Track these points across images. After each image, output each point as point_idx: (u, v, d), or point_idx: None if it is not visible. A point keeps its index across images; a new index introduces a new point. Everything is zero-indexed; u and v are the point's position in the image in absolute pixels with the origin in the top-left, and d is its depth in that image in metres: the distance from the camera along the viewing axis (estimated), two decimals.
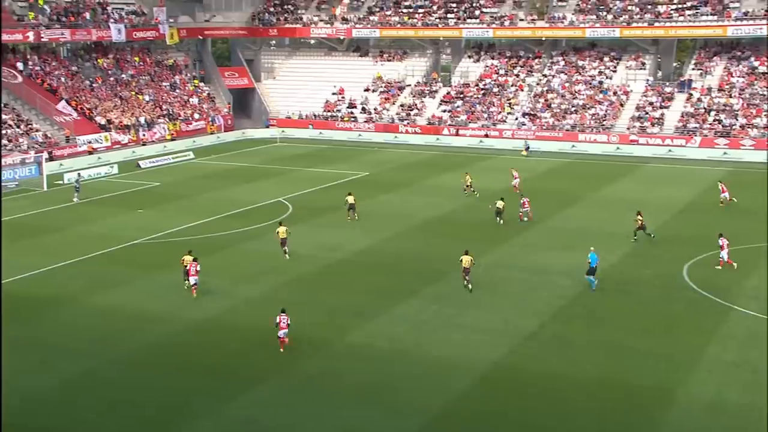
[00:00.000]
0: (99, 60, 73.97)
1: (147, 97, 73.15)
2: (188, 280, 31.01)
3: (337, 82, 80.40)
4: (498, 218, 40.98)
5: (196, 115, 74.42)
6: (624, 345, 26.17)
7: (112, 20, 72.74)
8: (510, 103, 72.61)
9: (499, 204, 41.27)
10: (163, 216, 43.58)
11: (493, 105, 73.07)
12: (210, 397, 22.95)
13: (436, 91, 77.05)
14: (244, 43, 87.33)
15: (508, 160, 61.88)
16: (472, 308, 29.51)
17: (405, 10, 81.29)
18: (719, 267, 33.49)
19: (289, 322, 25.86)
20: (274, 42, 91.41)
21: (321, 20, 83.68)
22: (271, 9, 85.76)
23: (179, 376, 24.30)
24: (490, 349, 25.86)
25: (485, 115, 72.12)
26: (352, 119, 75.89)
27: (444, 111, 73.98)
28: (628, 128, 66.75)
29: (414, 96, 77.12)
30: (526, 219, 41.61)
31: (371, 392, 23.25)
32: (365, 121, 75.22)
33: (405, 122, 73.90)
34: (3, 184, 52.22)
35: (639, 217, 37.80)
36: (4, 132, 59.06)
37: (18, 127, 60.82)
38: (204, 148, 68.89)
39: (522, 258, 35.74)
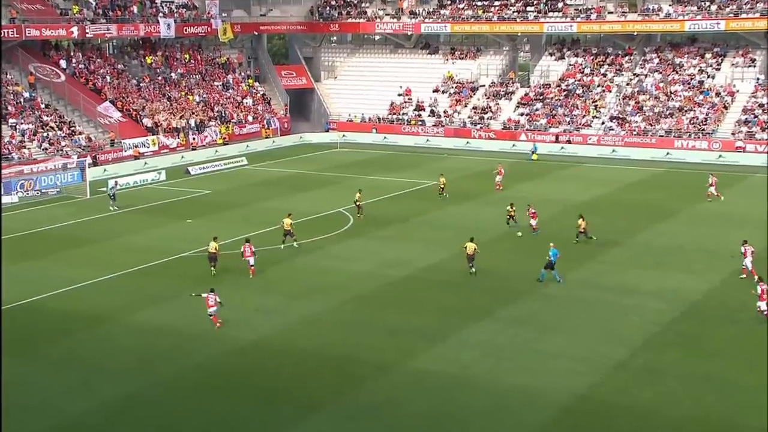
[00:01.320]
0: (147, 58, 75.80)
1: (197, 98, 74.60)
2: (214, 267, 34.69)
3: (403, 82, 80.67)
4: (583, 236, 40.21)
5: (250, 118, 75.55)
6: (727, 379, 25.40)
7: (161, 14, 74.51)
8: (596, 106, 71.70)
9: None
10: (214, 227, 44.17)
11: (577, 108, 72.26)
12: (260, 424, 23.07)
13: (512, 93, 76.60)
14: (303, 40, 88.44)
15: (591, 169, 61.11)
16: (553, 333, 29.10)
17: (479, 4, 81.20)
18: (743, 276, 33.69)
19: (218, 299, 29.36)
20: (335, 38, 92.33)
21: (387, 14, 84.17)
22: (333, 2, 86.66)
23: (228, 401, 24.49)
24: (572, 379, 25.41)
25: (567, 119, 71.36)
26: (420, 123, 75.96)
27: (521, 114, 73.48)
28: (732, 134, 65.19)
29: (488, 98, 76.82)
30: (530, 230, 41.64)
31: (438, 424, 23.04)
32: (434, 125, 75.22)
33: (478, 126, 73.64)
34: (44, 190, 53.85)
35: (581, 220, 39.69)
36: (46, 135, 60.88)
37: (60, 129, 62.63)
38: (258, 153, 69.79)
39: (608, 277, 35.16)
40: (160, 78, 74.87)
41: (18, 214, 48.58)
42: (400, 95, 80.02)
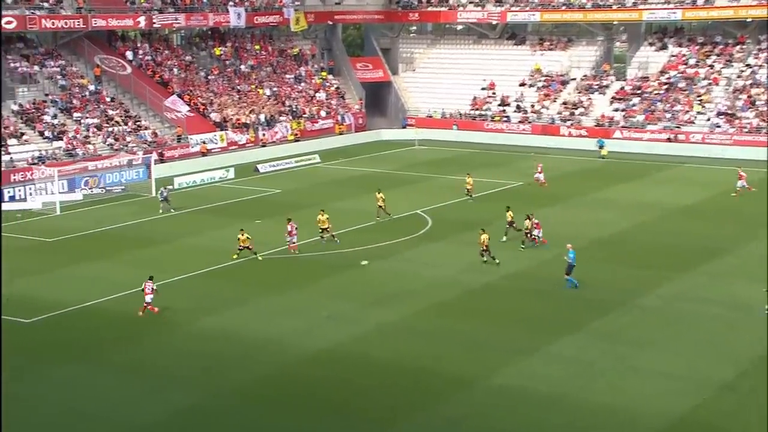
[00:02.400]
0: (215, 49, 77.10)
1: (268, 92, 75.55)
2: (237, 254, 37.44)
3: (487, 75, 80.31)
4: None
5: (323, 113, 76.16)
6: None
7: (230, 3, 75.68)
8: (701, 101, 70.10)
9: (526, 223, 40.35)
10: (284, 228, 44.59)
11: (679, 103, 70.79)
12: None
13: (606, 86, 75.52)
14: (380, 30, 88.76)
15: (694, 170, 59.78)
16: (650, 348, 28.54)
17: None
18: None
19: (154, 287, 31.62)
20: (414, 28, 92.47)
21: (470, 2, 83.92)
22: None
23: (296, 413, 24.64)
24: (672, 400, 24.84)
25: (668, 115, 69.94)
26: (504, 119, 75.48)
27: (616, 110, 72.38)
28: None
29: (579, 92, 75.89)
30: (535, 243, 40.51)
31: None
32: (519, 122, 74.65)
33: (568, 123, 72.79)
34: (108, 188, 55.23)
35: (509, 212, 40.94)
36: (111, 130, 62.41)
37: (125, 124, 64.10)
38: (331, 150, 70.28)
39: (714, 290, 34.34)
40: (229, 70, 76.07)
41: (81, 213, 49.94)
42: (483, 89, 79.63)
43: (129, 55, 70.91)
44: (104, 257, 39.96)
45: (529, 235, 40.20)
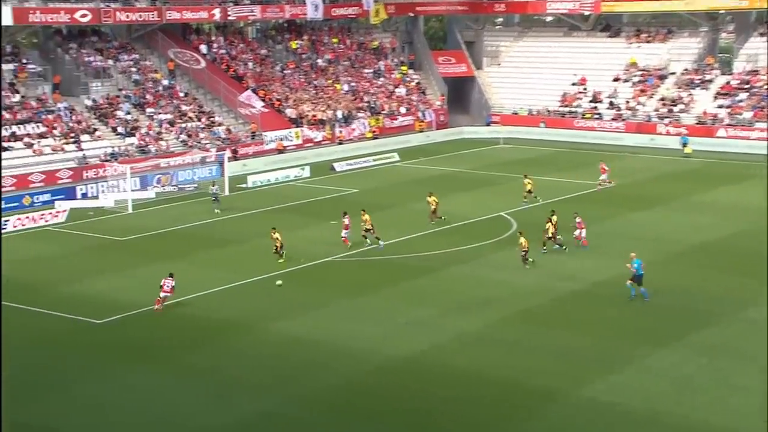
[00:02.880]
0: (292, 42, 77.82)
1: (345, 87, 75.92)
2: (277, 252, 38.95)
3: (578, 69, 79.38)
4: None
5: (403, 109, 76.20)
6: None
7: None
8: None
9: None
10: (357, 229, 44.71)
11: None
12: None
13: (710, 81, 73.94)
14: (464, 22, 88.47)
15: None
16: (754, 365, 27.68)
17: None
18: None
19: (173, 285, 33.11)
20: (500, 20, 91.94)
21: None
22: None
23: (371, 424, 24.60)
24: None
25: None
26: (596, 116, 74.52)
27: (720, 107, 70.78)
28: None
29: (679, 87, 74.45)
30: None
31: None
32: (613, 119, 73.60)
33: (666, 121, 71.47)
34: (181, 186, 56.12)
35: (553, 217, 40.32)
36: (184, 126, 63.49)
37: (199, 120, 65.12)
38: (411, 148, 70.28)
39: None
40: (305, 64, 76.69)
41: (153, 211, 50.84)
42: (573, 84, 78.67)
43: (203, 48, 72.08)
44: (177, 257, 40.54)
45: (553, 238, 39.87)
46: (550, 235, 39.98)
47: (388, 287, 35.79)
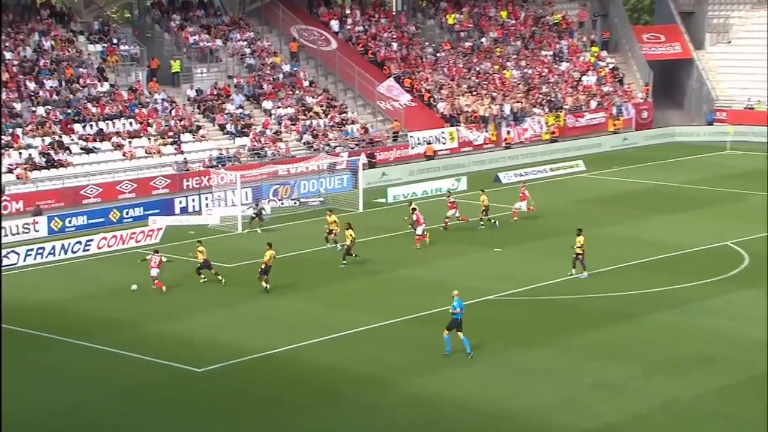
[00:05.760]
0: (448, 16, 78.15)
1: (516, 74, 75.74)
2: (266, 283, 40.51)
3: None
4: None
5: (593, 104, 75.56)
6: None
7: None
8: None
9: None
10: (529, 259, 44.47)
11: None
12: None
13: None
14: None
15: None
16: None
17: None
18: None
19: (163, 259, 38.82)
20: None
21: None
22: None
23: None
24: None
25: None
26: None
27: None
28: None
29: None
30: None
31: None
32: None
33: None
34: (303, 199, 56.76)
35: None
36: (308, 123, 64.30)
37: (327, 116, 65.90)
38: (601, 155, 69.85)
39: None
40: (465, 45, 76.89)
41: (269, 232, 51.21)
42: None
43: (334, 25, 73.08)
44: (295, 290, 41.23)
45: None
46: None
47: (569, 336, 35.57)
